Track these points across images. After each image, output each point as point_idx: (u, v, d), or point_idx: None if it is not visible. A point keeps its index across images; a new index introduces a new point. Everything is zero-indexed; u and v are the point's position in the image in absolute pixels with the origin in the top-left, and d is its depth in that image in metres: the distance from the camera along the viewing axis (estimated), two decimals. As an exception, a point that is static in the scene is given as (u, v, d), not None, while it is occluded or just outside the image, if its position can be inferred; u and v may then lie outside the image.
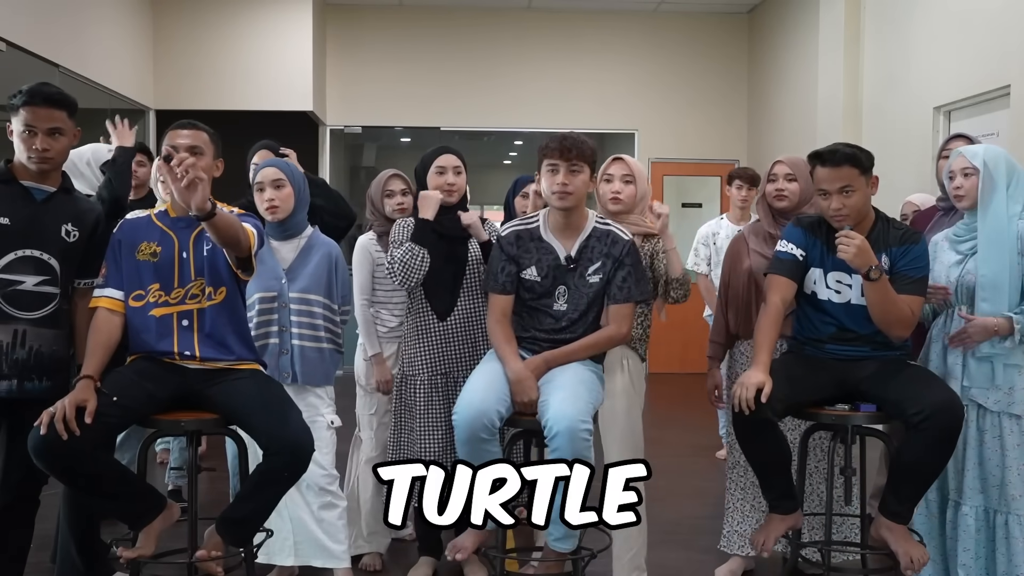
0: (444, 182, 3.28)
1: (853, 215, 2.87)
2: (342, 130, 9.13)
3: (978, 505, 2.96)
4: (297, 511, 3.22)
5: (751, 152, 9.06)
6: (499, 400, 2.74)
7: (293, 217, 3.23)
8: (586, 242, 2.91)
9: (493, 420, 2.69)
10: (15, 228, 2.72)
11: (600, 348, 2.90)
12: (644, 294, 2.95)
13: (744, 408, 2.77)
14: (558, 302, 2.91)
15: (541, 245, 2.94)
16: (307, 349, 3.20)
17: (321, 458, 3.15)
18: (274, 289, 3.19)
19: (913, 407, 2.72)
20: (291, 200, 3.20)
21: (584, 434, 2.59)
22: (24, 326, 2.73)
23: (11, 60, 5.43)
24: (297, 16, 7.99)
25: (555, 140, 2.88)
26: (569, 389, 2.71)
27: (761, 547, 2.96)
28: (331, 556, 3.26)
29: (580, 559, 2.85)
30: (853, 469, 2.93)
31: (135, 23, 7.55)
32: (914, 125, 5.97)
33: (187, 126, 2.80)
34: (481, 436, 2.68)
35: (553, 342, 2.91)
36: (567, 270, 2.91)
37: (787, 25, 8.12)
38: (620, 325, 2.90)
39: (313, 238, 3.29)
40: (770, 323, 2.95)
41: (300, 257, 3.23)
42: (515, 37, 9.04)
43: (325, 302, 3.24)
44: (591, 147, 2.89)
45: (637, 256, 2.93)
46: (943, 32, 5.73)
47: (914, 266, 2.90)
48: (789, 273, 2.99)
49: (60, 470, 2.50)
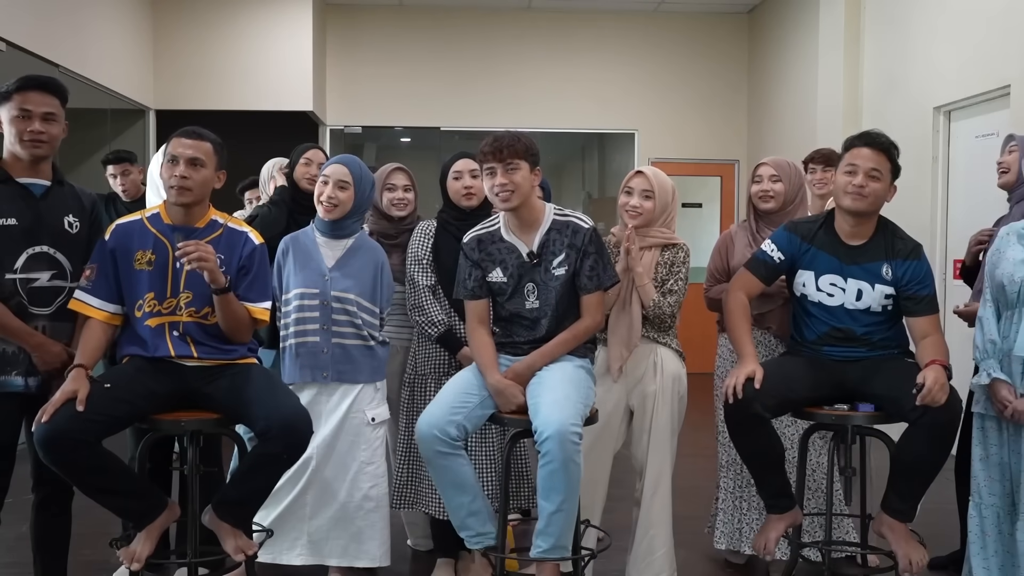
0: (461, 187, 3.33)
1: (871, 198, 2.87)
2: (342, 130, 9.12)
3: None
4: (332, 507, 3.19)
5: (751, 152, 9.05)
6: (454, 411, 2.75)
7: (348, 219, 3.21)
8: (547, 236, 2.90)
9: (445, 431, 2.70)
10: (23, 227, 2.72)
11: (579, 341, 2.90)
12: (613, 278, 2.93)
13: (730, 396, 2.78)
14: (529, 299, 2.91)
15: (503, 246, 2.94)
16: (348, 347, 3.16)
17: (360, 454, 3.17)
18: (316, 286, 3.16)
19: (911, 403, 2.71)
20: (351, 203, 3.18)
21: (574, 437, 2.59)
22: (44, 322, 2.76)
23: (11, 60, 5.42)
24: (297, 16, 7.98)
25: (487, 143, 2.86)
26: (559, 391, 2.71)
27: (763, 550, 2.96)
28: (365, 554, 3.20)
29: (580, 559, 2.85)
30: (853, 469, 2.93)
31: (135, 23, 7.54)
32: (914, 125, 5.96)
33: (191, 135, 2.77)
34: (437, 450, 2.71)
35: (532, 342, 2.92)
36: (531, 266, 2.91)
37: (787, 25, 8.12)
38: (594, 314, 2.89)
39: (360, 239, 3.26)
40: (739, 317, 3.00)
41: (345, 257, 3.21)
42: (515, 37, 9.03)
43: (367, 305, 3.19)
44: (525, 143, 2.87)
45: (600, 242, 2.91)
46: (943, 32, 5.73)
47: (922, 284, 2.89)
48: (759, 273, 3.04)
49: (63, 463, 2.50)
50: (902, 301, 2.90)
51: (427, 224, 3.42)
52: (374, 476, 3.21)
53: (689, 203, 9.22)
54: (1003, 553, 2.83)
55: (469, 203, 3.34)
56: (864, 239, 2.94)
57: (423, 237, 3.38)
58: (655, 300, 3.11)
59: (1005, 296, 2.80)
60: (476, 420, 2.81)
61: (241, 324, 2.77)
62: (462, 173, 3.35)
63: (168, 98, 7.81)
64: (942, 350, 2.83)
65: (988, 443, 2.85)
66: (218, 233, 2.82)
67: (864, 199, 2.86)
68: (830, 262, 2.94)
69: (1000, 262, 2.81)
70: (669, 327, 3.20)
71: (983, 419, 2.85)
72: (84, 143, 6.76)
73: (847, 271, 2.93)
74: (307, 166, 3.67)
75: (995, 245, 2.88)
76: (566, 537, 2.70)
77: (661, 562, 3.21)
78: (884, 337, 2.96)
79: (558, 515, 2.64)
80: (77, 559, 3.17)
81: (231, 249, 2.81)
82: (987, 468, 2.85)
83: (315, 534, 3.20)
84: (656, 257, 3.17)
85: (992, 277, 2.84)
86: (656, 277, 3.16)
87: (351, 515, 3.18)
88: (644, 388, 3.18)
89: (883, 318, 2.94)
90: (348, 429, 3.18)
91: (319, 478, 3.18)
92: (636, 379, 3.18)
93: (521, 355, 2.91)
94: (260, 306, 2.84)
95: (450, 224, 3.36)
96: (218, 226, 2.84)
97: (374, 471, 3.21)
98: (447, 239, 3.33)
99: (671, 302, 3.13)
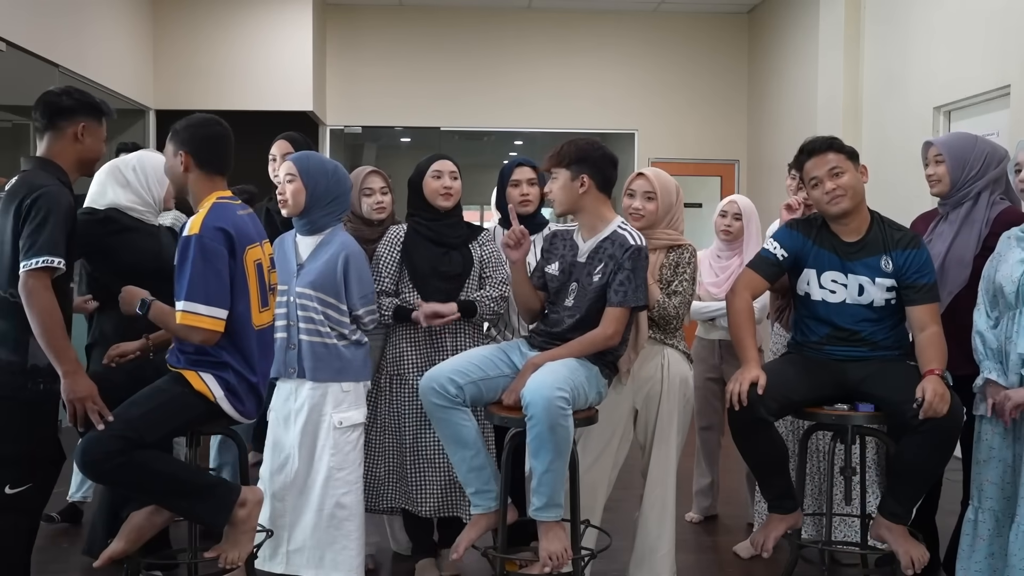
0: (441, 186, 3.32)
1: (849, 193, 2.89)
2: (342, 130, 9.12)
3: None
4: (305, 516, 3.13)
5: (751, 152, 9.06)
6: (455, 371, 2.84)
7: (309, 214, 3.14)
8: (601, 243, 2.94)
9: (445, 387, 2.80)
10: None
11: (586, 350, 2.88)
12: (640, 300, 2.89)
13: (736, 403, 2.79)
14: (568, 298, 2.96)
15: (569, 243, 3.03)
16: (313, 344, 3.12)
17: (329, 459, 3.09)
18: (285, 283, 3.14)
19: (912, 411, 2.71)
20: (301, 195, 3.10)
21: (559, 402, 2.64)
22: None
23: (11, 60, 5.42)
24: (297, 16, 7.98)
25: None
26: (547, 368, 2.78)
27: (761, 547, 2.97)
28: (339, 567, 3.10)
29: (580, 559, 2.85)
30: (853, 469, 2.94)
31: (135, 23, 7.55)
32: (914, 125, 5.96)
33: None
34: (434, 402, 2.82)
35: (548, 336, 2.96)
36: (579, 266, 2.95)
37: (787, 25, 8.12)
38: (606, 327, 2.87)
39: (330, 236, 3.18)
40: (743, 319, 3.00)
41: (313, 253, 3.17)
42: (515, 37, 9.03)
43: (330, 301, 3.12)
44: (566, 149, 2.92)
45: (638, 262, 2.87)
46: (943, 32, 5.73)
47: (922, 273, 2.89)
48: (764, 272, 3.04)
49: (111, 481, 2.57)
50: (902, 290, 2.91)
51: (397, 229, 3.39)
52: (347, 483, 3.12)
53: (689, 203, 9.17)
54: (998, 555, 2.82)
55: (446, 203, 3.33)
56: (860, 234, 2.96)
57: (390, 245, 3.35)
58: (659, 301, 3.10)
59: (1004, 297, 2.80)
60: (474, 393, 2.87)
61: (175, 332, 2.64)
62: (442, 173, 3.33)
63: (168, 98, 7.82)
64: (940, 350, 2.84)
65: (988, 447, 2.85)
66: None
67: (844, 197, 2.89)
68: (831, 259, 2.96)
69: (1000, 265, 2.84)
70: (676, 329, 3.19)
71: (982, 422, 2.85)
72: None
73: (848, 267, 2.94)
74: (273, 161, 3.70)
75: (996, 250, 2.90)
76: (558, 495, 2.78)
77: (662, 563, 3.20)
78: (886, 338, 2.96)
79: (548, 475, 2.72)
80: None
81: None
82: (986, 472, 2.85)
83: (292, 542, 3.13)
84: (661, 259, 3.17)
85: (991, 280, 2.85)
86: (661, 278, 3.16)
87: (324, 524, 3.10)
88: (650, 389, 3.18)
89: (886, 314, 2.95)
90: (310, 431, 3.12)
91: (296, 481, 3.13)
92: (643, 380, 3.18)
93: (535, 346, 2.98)
94: (179, 307, 2.59)
95: (421, 225, 3.35)
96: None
97: (346, 477, 3.12)
98: (419, 242, 3.32)
99: (676, 303, 3.13)
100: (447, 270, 3.30)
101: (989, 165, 3.15)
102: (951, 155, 3.16)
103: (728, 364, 3.94)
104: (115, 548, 2.63)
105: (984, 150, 3.16)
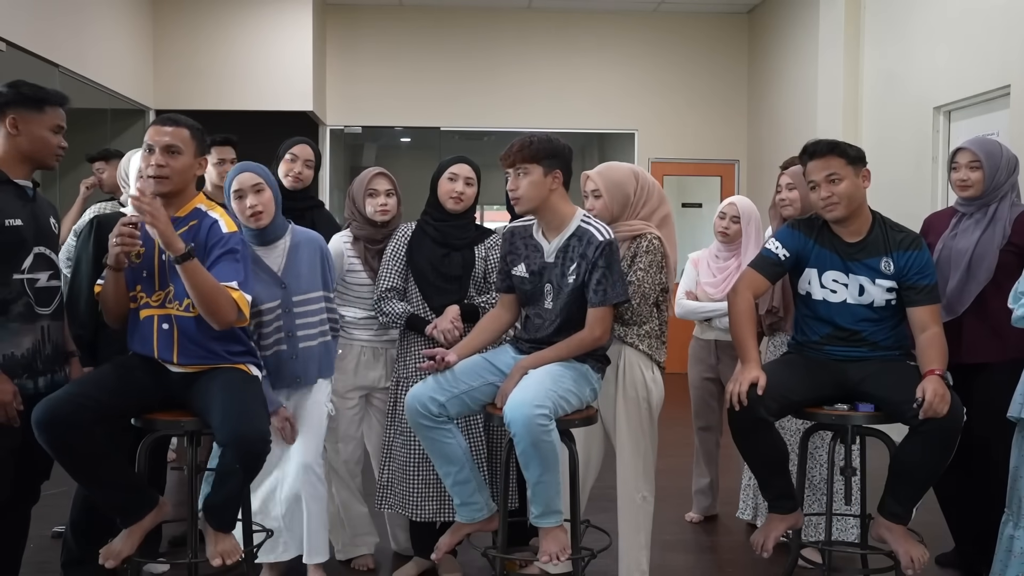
0: (453, 189, 3.30)
1: (844, 203, 2.89)
2: (342, 130, 9.12)
3: None
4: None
5: (751, 152, 9.06)
6: (438, 389, 2.85)
7: (275, 221, 3.11)
8: (567, 241, 2.90)
9: (426, 405, 2.84)
10: (27, 227, 2.72)
11: (573, 352, 2.85)
12: (621, 295, 2.85)
13: (735, 403, 2.79)
14: (546, 300, 2.93)
15: (530, 243, 2.98)
16: (313, 348, 3.14)
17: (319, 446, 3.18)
18: (276, 298, 3.10)
19: (912, 412, 2.72)
20: (272, 203, 3.08)
21: (540, 419, 2.63)
22: (46, 322, 2.77)
23: (11, 60, 5.42)
24: (297, 16, 7.98)
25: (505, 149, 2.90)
26: (531, 378, 2.77)
27: (760, 548, 2.97)
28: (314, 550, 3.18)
29: (580, 559, 2.85)
30: (853, 469, 2.94)
31: (135, 23, 7.55)
32: (914, 125, 5.96)
33: (168, 122, 2.72)
34: (418, 421, 2.86)
35: (534, 342, 2.94)
36: (551, 267, 2.92)
37: (787, 25, 8.12)
38: (593, 328, 2.84)
39: (296, 236, 3.17)
40: (745, 319, 2.99)
41: (290, 260, 3.13)
42: (515, 37, 9.03)
43: (324, 295, 3.18)
44: (539, 146, 2.84)
45: (612, 257, 2.84)
46: (943, 32, 5.73)
47: (923, 274, 2.90)
48: (765, 271, 3.04)
49: (55, 444, 2.50)
50: (903, 291, 2.91)
51: (406, 227, 3.40)
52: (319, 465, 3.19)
53: (689, 203, 9.22)
54: None
55: (455, 207, 3.31)
56: (861, 235, 2.96)
57: (397, 242, 3.37)
58: None
59: None
60: (459, 406, 2.88)
61: (213, 299, 2.59)
62: (457, 176, 3.31)
63: (168, 98, 7.81)
64: (941, 350, 2.84)
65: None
66: (194, 222, 2.74)
67: (838, 205, 2.90)
68: (832, 259, 2.96)
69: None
70: (635, 322, 3.07)
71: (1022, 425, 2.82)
72: (84, 143, 6.75)
73: (849, 267, 2.95)
74: (292, 163, 3.67)
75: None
76: (555, 502, 2.80)
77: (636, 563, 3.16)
78: (887, 338, 2.97)
79: (540, 486, 2.76)
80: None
81: (200, 234, 2.72)
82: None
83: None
84: (623, 251, 3.08)
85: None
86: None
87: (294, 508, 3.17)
88: (605, 391, 3.09)
89: (886, 314, 2.95)
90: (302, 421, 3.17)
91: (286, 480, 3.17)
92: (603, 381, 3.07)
93: (523, 353, 2.95)
94: (232, 285, 2.65)
95: (429, 225, 3.35)
96: (199, 215, 2.76)
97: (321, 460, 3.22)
98: (423, 241, 3.32)
99: (629, 292, 2.98)
100: (446, 271, 3.30)
101: (1013, 171, 3.24)
102: (989, 162, 3.19)
103: (724, 364, 3.95)
104: (123, 548, 2.64)
105: (1008, 156, 3.24)
